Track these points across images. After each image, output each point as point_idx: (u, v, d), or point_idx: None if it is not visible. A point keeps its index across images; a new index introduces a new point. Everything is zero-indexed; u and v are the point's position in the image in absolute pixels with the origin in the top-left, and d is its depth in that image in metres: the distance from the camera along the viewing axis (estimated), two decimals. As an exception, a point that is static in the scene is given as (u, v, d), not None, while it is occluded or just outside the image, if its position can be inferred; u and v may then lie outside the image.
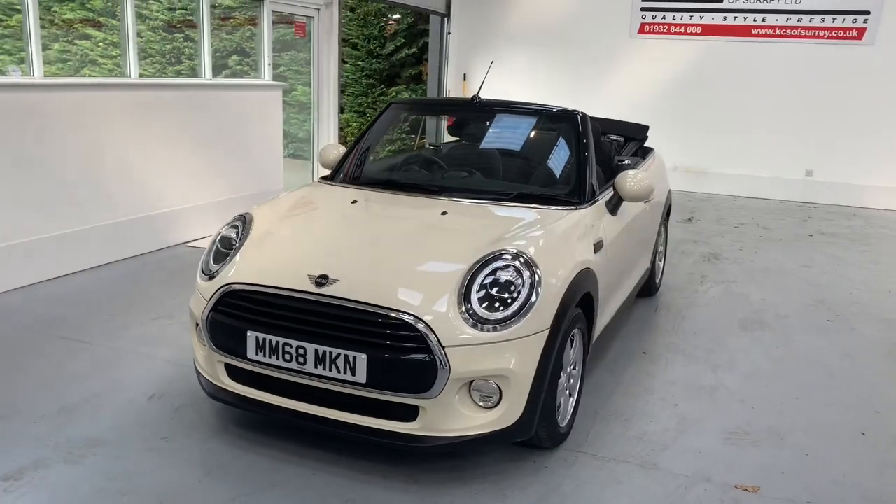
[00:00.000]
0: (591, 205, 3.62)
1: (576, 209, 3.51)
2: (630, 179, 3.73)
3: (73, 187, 5.34)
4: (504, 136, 4.13)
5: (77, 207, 5.38)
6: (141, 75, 6.20)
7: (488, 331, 2.76)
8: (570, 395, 3.35)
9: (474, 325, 2.75)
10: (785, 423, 3.58)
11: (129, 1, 5.87)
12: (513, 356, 2.77)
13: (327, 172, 4.16)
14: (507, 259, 2.92)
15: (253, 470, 2.95)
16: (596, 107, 11.26)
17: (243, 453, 3.07)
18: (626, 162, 4.75)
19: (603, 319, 3.76)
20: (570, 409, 3.34)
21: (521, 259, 2.92)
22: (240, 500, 2.74)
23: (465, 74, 11.90)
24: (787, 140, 10.39)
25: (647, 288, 5.33)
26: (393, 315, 2.72)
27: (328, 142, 8.87)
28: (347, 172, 4.05)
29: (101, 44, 14.64)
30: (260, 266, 3.05)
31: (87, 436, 3.14)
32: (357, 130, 11.91)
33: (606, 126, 5.61)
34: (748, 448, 3.32)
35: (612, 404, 3.68)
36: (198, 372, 3.24)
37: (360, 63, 11.80)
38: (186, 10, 12.56)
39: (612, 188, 3.87)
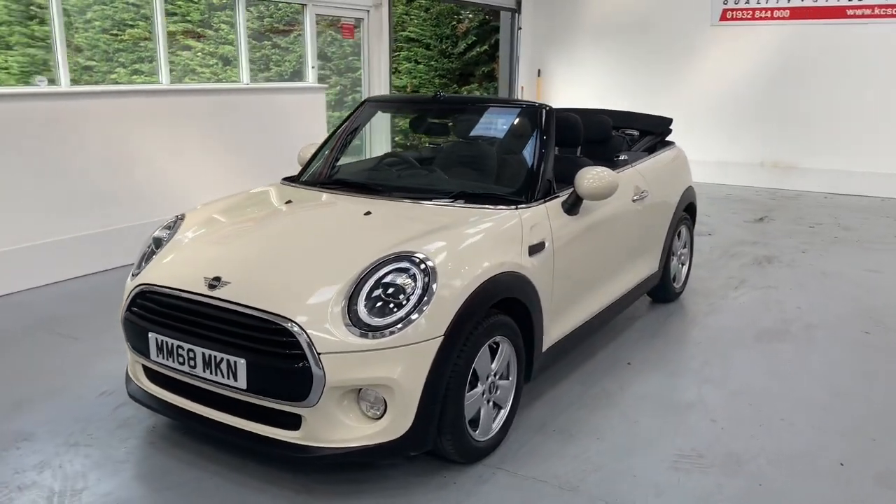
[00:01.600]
0: (537, 204, 3.37)
1: (515, 209, 3.28)
2: (588, 176, 3.44)
3: (102, 191, 5.60)
4: (462, 133, 3.94)
5: (108, 209, 5.65)
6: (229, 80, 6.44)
7: (372, 337, 2.61)
8: (500, 407, 3.14)
9: (357, 332, 2.62)
10: (752, 448, 3.19)
11: (241, 14, 6.10)
12: (397, 364, 2.62)
13: None
14: (402, 262, 2.77)
15: (156, 471, 2.95)
16: (676, 101, 10.68)
17: (156, 453, 3.08)
18: (623, 157, 4.42)
19: (558, 327, 3.50)
20: (499, 421, 3.12)
21: (419, 262, 2.76)
22: (124, 500, 2.74)
23: (539, 70, 11.62)
24: (887, 132, 9.41)
25: (663, 293, 4.96)
26: (270, 319, 2.64)
27: (381, 146, 8.88)
28: (309, 172, 4.00)
29: (199, 54, 15.47)
30: (170, 268, 3.06)
31: (22, 429, 3.26)
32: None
33: (622, 119, 5.27)
34: (694, 474, 2.98)
35: (565, 418, 3.42)
36: (126, 372, 3.29)
37: (432, 63, 11.76)
38: (273, 18, 13.06)
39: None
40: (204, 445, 3.11)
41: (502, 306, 3.07)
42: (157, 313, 2.93)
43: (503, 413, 3.16)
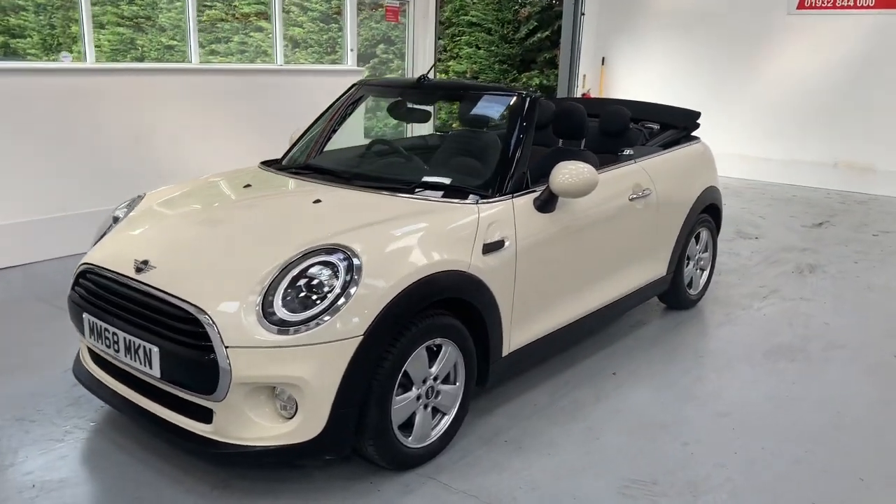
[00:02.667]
0: (503, 199, 3.15)
1: (476, 203, 3.07)
2: (563, 172, 3.19)
3: (123, 168, 5.69)
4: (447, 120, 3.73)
5: (132, 185, 5.73)
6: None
7: (284, 333, 2.48)
8: (443, 413, 2.96)
9: (269, 327, 2.49)
10: (716, 477, 2.89)
11: None
12: (308, 364, 2.48)
13: None
14: (328, 256, 2.62)
15: (86, 454, 2.93)
16: (745, 94, 10.07)
17: (94, 436, 3.06)
18: (627, 152, 4.12)
19: (525, 331, 3.27)
20: (440, 428, 2.95)
21: (345, 257, 2.61)
22: (43, 482, 2.72)
23: (603, 58, 11.18)
24: (977, 133, 8.58)
25: (676, 300, 4.63)
26: (183, 307, 2.54)
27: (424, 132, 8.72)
28: (289, 156, 3.90)
29: (270, 35, 15.69)
30: (110, 248, 3.01)
31: (-23, 401, 3.30)
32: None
33: (644, 112, 4.94)
34: (640, 502, 2.72)
35: (522, 429, 3.20)
36: (78, 352, 3.28)
37: (493, 48, 11.49)
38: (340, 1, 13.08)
39: (551, 181, 3.36)
40: (143, 432, 3.06)
41: (450, 307, 2.89)
42: (92, 293, 2.89)
43: (446, 420, 2.98)
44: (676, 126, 4.73)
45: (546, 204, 3.28)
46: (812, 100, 9.63)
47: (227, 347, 2.45)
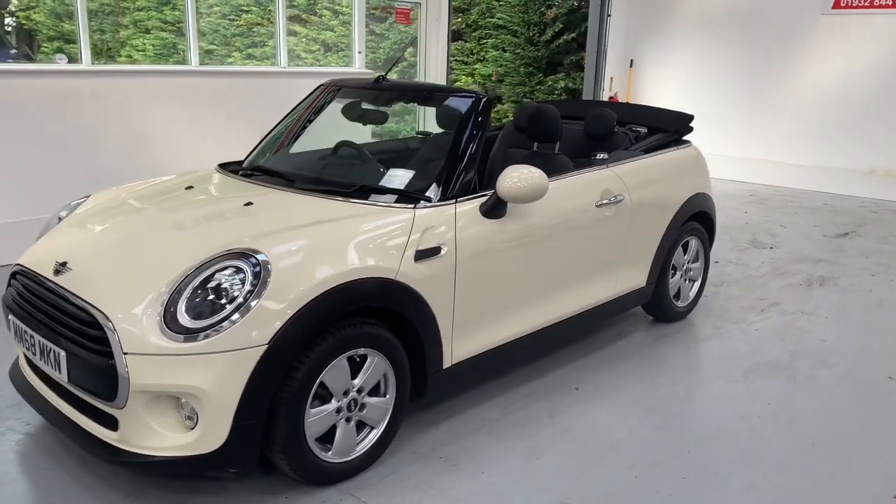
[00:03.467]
0: (443, 204, 3.01)
1: (413, 207, 2.95)
2: (510, 177, 3.05)
3: (119, 168, 5.73)
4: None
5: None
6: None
7: (184, 341, 2.40)
8: (371, 426, 2.84)
9: (172, 334, 2.41)
10: (638, 501, 2.70)
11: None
12: (207, 373, 2.39)
13: None
14: (237, 261, 2.53)
15: (10, 459, 2.89)
16: (778, 98, 9.67)
17: (26, 440, 3.03)
18: (601, 156, 3.94)
19: (472, 342, 3.13)
20: (367, 442, 2.83)
21: (255, 262, 2.51)
22: (-42, 485, 2.70)
23: (631, 61, 10.91)
24: None
25: (660, 312, 4.41)
26: (90, 312, 2.49)
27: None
28: (248, 158, 3.83)
29: (304, 39, 15.85)
30: (42, 248, 2.98)
31: (-76, 399, 3.31)
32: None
33: (632, 114, 4.75)
34: (565, 529, 2.56)
35: (461, 445, 3.06)
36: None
37: (518, 51, 11.31)
38: (369, 4, 13.08)
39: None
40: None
41: (380, 315, 2.77)
42: (19, 294, 2.86)
43: (375, 433, 2.86)
44: (665, 130, 4.51)
45: (493, 210, 3.13)
46: (848, 103, 9.22)
47: (125, 354, 2.38)
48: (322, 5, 15.59)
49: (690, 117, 4.61)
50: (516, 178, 3.05)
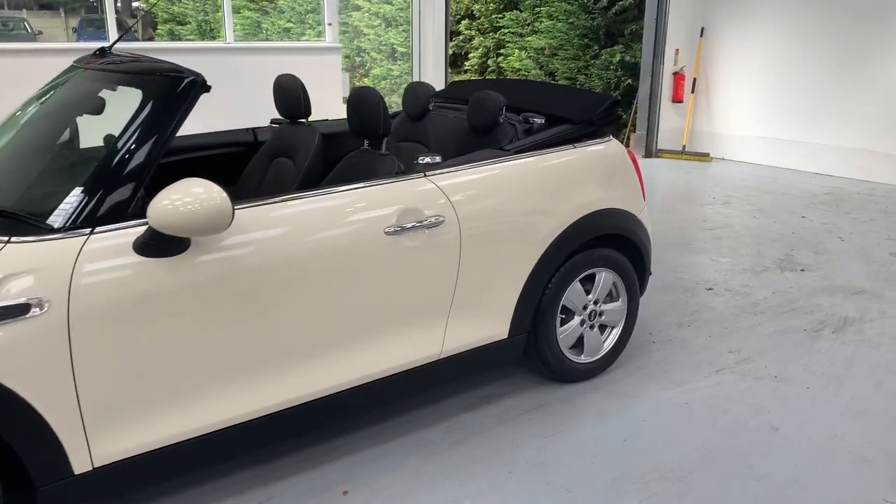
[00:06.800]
0: (63, 237, 2.05)
1: (6, 243, 2.01)
2: (165, 201, 2.04)
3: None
4: (92, 108, 2.63)
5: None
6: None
7: None
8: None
9: None
10: None
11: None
12: None
13: None
14: None
15: None
16: (880, 77, 7.75)
17: None
18: (425, 160, 2.81)
19: (121, 440, 2.17)
20: None
21: None
22: None
23: (702, 29, 9.24)
24: None
25: (546, 370, 3.23)
26: None
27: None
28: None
29: (367, 14, 15.11)
30: None
31: None
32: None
33: (536, 98, 3.54)
34: None
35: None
36: None
37: (572, 20, 9.88)
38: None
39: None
40: None
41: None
42: None
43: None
44: (572, 119, 3.27)
45: (152, 247, 2.13)
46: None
47: None
48: (380, -24, 14.76)
49: (613, 103, 3.33)
50: (169, 203, 2.04)
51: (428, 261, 2.67)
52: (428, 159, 2.80)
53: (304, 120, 3.41)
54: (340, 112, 6.22)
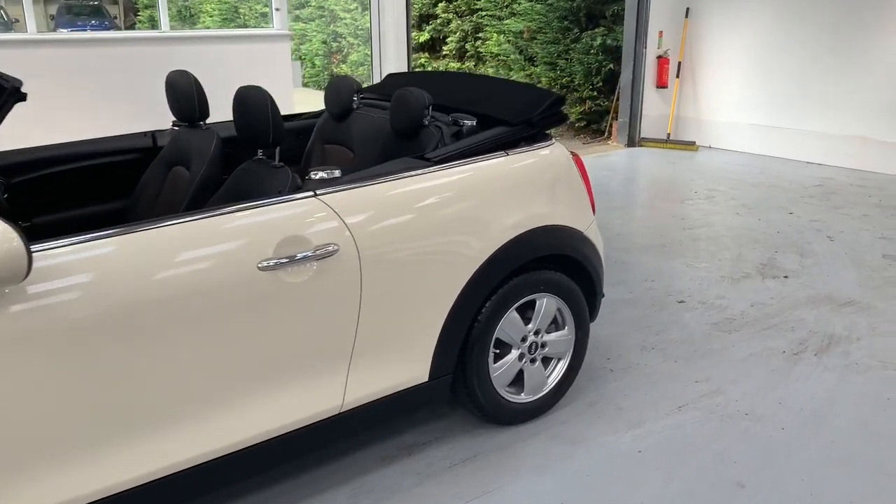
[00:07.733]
0: None
1: None
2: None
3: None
4: None
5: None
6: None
7: None
8: None
9: None
10: None
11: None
12: None
13: None
14: None
15: None
16: (877, 61, 7.25)
17: None
18: (319, 175, 2.34)
19: None
20: None
21: None
22: None
23: (687, 9, 8.73)
24: None
25: (480, 413, 2.78)
26: None
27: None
28: None
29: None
30: None
31: None
32: (548, 86, 9.61)
33: (470, 94, 3.08)
34: None
35: None
36: None
37: (551, 2, 9.35)
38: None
39: None
40: None
41: None
42: None
43: None
44: (508, 121, 2.80)
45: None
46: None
47: None
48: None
49: (556, 100, 2.85)
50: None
51: (318, 298, 2.21)
52: (323, 174, 2.33)
53: (201, 123, 2.95)
54: (288, 107, 5.74)
